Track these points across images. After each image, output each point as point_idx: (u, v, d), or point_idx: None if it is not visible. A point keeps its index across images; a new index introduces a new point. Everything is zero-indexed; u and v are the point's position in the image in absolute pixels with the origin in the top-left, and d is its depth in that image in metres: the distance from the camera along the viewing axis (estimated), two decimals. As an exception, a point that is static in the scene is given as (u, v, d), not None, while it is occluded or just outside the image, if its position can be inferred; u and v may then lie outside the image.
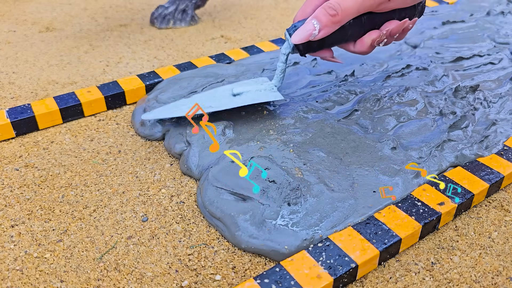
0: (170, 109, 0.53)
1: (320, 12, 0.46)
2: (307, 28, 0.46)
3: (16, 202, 0.46)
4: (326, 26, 0.46)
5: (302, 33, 0.47)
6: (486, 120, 0.55)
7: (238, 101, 0.53)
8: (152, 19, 0.87)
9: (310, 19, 0.47)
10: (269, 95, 0.54)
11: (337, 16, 0.46)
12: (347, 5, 0.45)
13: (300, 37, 0.47)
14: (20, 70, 0.70)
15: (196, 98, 0.54)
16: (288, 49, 0.50)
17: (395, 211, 0.42)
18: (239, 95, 0.54)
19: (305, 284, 0.36)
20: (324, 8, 0.46)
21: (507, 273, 0.39)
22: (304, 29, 0.47)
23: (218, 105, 0.52)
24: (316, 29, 0.46)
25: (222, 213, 0.42)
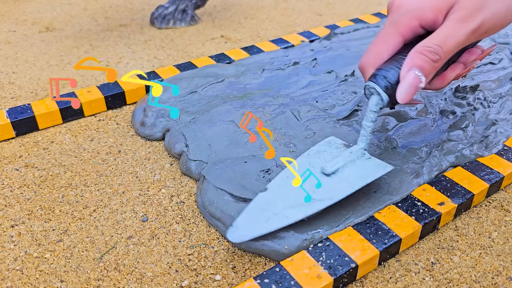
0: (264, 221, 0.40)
1: (419, 59, 0.39)
2: (412, 82, 0.39)
3: (16, 202, 0.46)
4: (429, 74, 0.39)
5: (409, 89, 0.39)
6: (486, 120, 0.55)
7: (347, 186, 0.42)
8: (152, 19, 0.87)
9: (410, 69, 0.39)
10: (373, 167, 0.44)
11: (440, 61, 0.39)
12: (448, 48, 0.38)
13: (408, 94, 0.39)
14: (20, 70, 0.70)
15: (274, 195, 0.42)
16: (380, 105, 0.42)
17: (395, 211, 0.42)
18: (335, 173, 0.43)
19: (305, 284, 0.36)
20: (423, 53, 0.38)
21: (507, 273, 0.39)
22: (407, 84, 0.39)
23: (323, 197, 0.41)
24: (422, 80, 0.39)
25: (222, 214, 0.42)
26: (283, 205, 0.40)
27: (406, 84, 0.39)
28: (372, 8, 0.98)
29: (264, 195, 0.42)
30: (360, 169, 0.44)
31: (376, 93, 0.41)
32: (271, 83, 0.62)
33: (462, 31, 0.38)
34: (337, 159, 0.44)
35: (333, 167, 0.43)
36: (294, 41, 0.76)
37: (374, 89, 0.41)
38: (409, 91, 0.39)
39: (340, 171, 0.43)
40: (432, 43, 0.38)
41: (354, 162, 0.44)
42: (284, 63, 0.67)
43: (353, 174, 0.43)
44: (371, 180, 0.43)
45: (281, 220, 0.39)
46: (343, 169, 0.43)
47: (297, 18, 0.92)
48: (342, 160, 0.44)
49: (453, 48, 0.39)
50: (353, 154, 0.44)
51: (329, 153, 0.46)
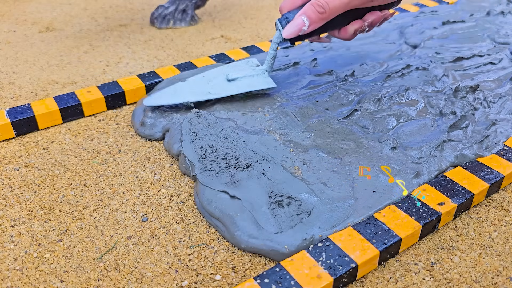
0: (171, 94, 0.56)
1: (309, 9, 0.50)
2: (297, 24, 0.50)
3: (16, 202, 0.46)
4: (314, 22, 0.50)
5: (292, 28, 0.51)
6: (486, 120, 0.55)
7: (234, 89, 0.56)
8: (152, 19, 0.87)
9: (300, 14, 0.50)
10: (262, 82, 0.57)
11: (325, 13, 0.50)
12: (334, 4, 0.49)
13: (290, 32, 0.51)
14: (20, 70, 0.70)
15: (191, 81, 0.57)
16: (279, 38, 0.54)
17: (395, 211, 0.42)
18: (234, 80, 0.57)
19: (305, 284, 0.36)
20: (313, 5, 0.50)
21: (507, 273, 0.39)
22: (294, 25, 0.50)
23: (216, 92, 0.56)
24: (306, 25, 0.50)
25: (221, 213, 0.42)
26: (188, 91, 0.56)
27: (293, 24, 0.51)
28: (372, 8, 0.98)
29: (181, 83, 0.57)
30: (252, 81, 0.57)
31: (278, 28, 0.53)
32: (271, 83, 0.62)
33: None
34: (242, 71, 0.58)
35: (234, 75, 0.57)
36: (294, 41, 0.76)
37: (277, 25, 0.53)
38: (293, 29, 0.50)
39: (238, 80, 0.57)
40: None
41: (252, 77, 0.58)
42: (284, 63, 0.67)
43: (245, 82, 0.57)
44: (254, 89, 0.57)
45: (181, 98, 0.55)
46: (241, 79, 0.57)
47: (297, 18, 0.92)
48: (243, 73, 0.58)
49: (338, 6, 0.49)
50: (255, 71, 0.58)
51: (242, 67, 0.59)
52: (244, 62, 0.61)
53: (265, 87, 0.57)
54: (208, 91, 0.56)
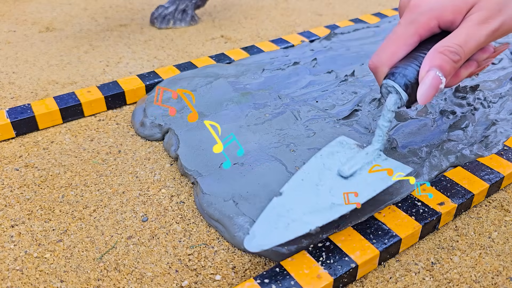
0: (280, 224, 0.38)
1: (440, 59, 0.38)
2: (433, 83, 0.38)
3: (16, 202, 0.46)
4: (449, 75, 0.38)
5: (429, 90, 0.38)
6: (486, 120, 0.55)
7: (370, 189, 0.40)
8: (152, 19, 0.87)
9: (430, 68, 0.38)
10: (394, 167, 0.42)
11: (460, 61, 0.38)
12: (469, 48, 0.38)
13: (428, 95, 0.38)
14: (20, 70, 0.70)
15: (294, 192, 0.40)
16: (398, 104, 0.40)
17: (395, 211, 0.42)
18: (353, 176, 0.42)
19: (305, 284, 0.36)
20: (444, 53, 0.38)
21: (507, 273, 0.39)
22: (429, 86, 0.38)
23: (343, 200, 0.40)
24: (442, 81, 0.38)
25: (220, 215, 0.42)
26: (301, 211, 0.38)
27: (427, 84, 0.38)
28: (372, 8, 0.98)
29: (280, 199, 0.39)
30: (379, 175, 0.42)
31: (395, 91, 0.39)
32: (271, 83, 0.62)
33: (482, 31, 0.38)
34: (353, 160, 0.42)
35: (350, 170, 0.41)
36: (294, 41, 0.76)
37: (393, 87, 0.39)
38: (429, 92, 0.38)
39: (358, 174, 0.41)
40: (453, 42, 0.37)
41: (371, 164, 0.42)
42: (284, 63, 0.67)
43: (372, 176, 0.41)
44: (392, 183, 0.41)
45: (301, 227, 0.37)
46: (360, 172, 0.41)
47: (297, 18, 0.92)
48: (359, 162, 0.42)
49: (474, 48, 0.38)
50: (369, 156, 0.42)
51: (343, 154, 0.44)
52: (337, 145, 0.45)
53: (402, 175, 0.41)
54: (332, 201, 0.39)
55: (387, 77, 0.39)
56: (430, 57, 0.38)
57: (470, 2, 0.38)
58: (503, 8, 0.38)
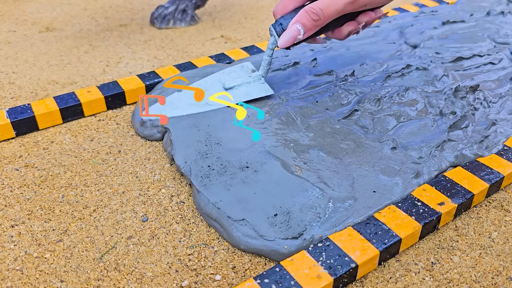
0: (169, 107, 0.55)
1: (304, 17, 0.49)
2: (292, 33, 0.50)
3: (16, 202, 0.46)
4: (309, 29, 0.50)
5: (287, 37, 0.50)
6: (486, 120, 0.55)
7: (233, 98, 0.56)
8: (152, 19, 0.87)
9: (294, 22, 0.50)
10: (260, 89, 0.57)
11: (320, 20, 0.50)
12: (329, 12, 0.49)
13: (286, 41, 0.50)
14: (20, 70, 0.70)
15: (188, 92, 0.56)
16: (274, 44, 0.54)
17: (395, 211, 0.42)
18: (231, 89, 0.57)
19: (305, 284, 0.36)
20: (307, 12, 0.49)
21: (507, 273, 0.39)
22: (289, 34, 0.50)
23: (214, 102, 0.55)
24: (300, 33, 0.50)
25: (218, 214, 0.42)
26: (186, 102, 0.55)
27: (288, 33, 0.50)
28: (372, 8, 0.98)
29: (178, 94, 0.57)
30: (250, 89, 0.57)
31: (273, 35, 0.53)
32: (271, 83, 0.62)
33: (341, 1, 0.49)
34: (238, 79, 0.58)
35: (231, 84, 0.57)
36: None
37: (272, 31, 0.53)
38: (288, 38, 0.50)
39: (235, 88, 0.57)
40: (317, 6, 0.49)
41: (249, 84, 0.57)
42: (284, 63, 0.67)
43: (242, 91, 0.57)
44: (252, 97, 0.56)
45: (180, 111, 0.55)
46: (238, 87, 0.57)
47: (297, 18, 0.92)
48: (240, 80, 0.57)
49: (333, 13, 0.49)
50: (251, 78, 0.58)
51: (238, 74, 0.59)
52: (239, 67, 0.60)
53: (263, 94, 0.57)
54: (206, 101, 0.55)
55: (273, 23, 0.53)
56: (298, 14, 0.50)
57: None
58: None
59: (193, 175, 0.46)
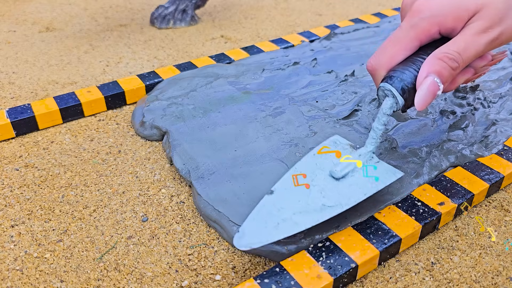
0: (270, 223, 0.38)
1: (439, 65, 0.38)
2: (431, 89, 0.38)
3: (16, 202, 0.46)
4: (447, 81, 0.39)
5: (427, 96, 0.38)
6: (486, 120, 0.55)
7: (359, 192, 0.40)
8: (152, 19, 0.87)
9: (427, 75, 0.38)
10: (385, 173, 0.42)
11: (458, 68, 0.39)
12: (468, 56, 0.39)
13: (425, 100, 0.38)
14: (20, 70, 0.70)
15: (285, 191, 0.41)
16: (394, 108, 0.40)
17: (395, 211, 0.42)
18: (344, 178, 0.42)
19: (305, 284, 0.36)
20: (443, 60, 0.38)
21: (507, 273, 0.39)
22: (427, 91, 0.38)
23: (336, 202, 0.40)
24: (440, 88, 0.38)
25: (218, 215, 0.42)
26: (292, 210, 0.38)
27: (424, 90, 0.38)
28: (372, 8, 0.98)
29: (271, 198, 0.40)
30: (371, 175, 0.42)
31: (391, 95, 0.39)
32: (271, 83, 0.62)
33: (482, 40, 0.38)
34: (346, 162, 0.42)
35: (343, 171, 0.41)
36: (294, 41, 0.76)
37: (390, 91, 0.39)
38: (427, 97, 0.38)
39: (350, 175, 0.41)
40: (452, 50, 0.38)
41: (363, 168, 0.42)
42: (284, 63, 0.67)
43: (363, 179, 0.41)
44: (382, 187, 0.41)
45: (291, 227, 0.37)
46: (352, 173, 0.42)
47: (297, 18, 0.92)
48: (352, 164, 0.42)
49: (472, 56, 0.39)
50: (361, 158, 0.43)
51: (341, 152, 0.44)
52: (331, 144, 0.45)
53: (393, 179, 0.42)
54: (323, 203, 0.39)
55: (384, 80, 0.39)
56: (429, 63, 0.38)
57: (471, 10, 0.38)
58: (503, 18, 0.38)
59: (193, 177, 0.46)
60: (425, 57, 0.39)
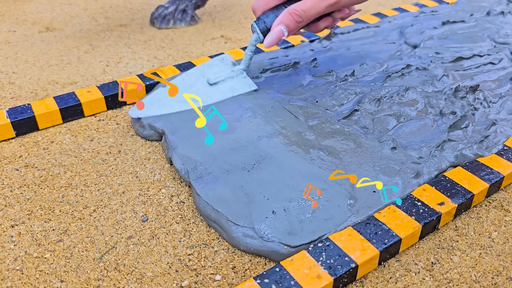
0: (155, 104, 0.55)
1: (287, 18, 0.52)
2: (277, 34, 0.53)
3: (16, 202, 0.46)
4: (292, 30, 0.53)
5: (273, 38, 0.53)
6: (486, 120, 0.55)
7: (218, 94, 0.57)
8: (152, 19, 0.87)
9: (278, 23, 0.53)
10: (243, 85, 0.59)
11: (302, 22, 0.53)
12: (311, 13, 0.53)
13: (271, 41, 0.53)
14: (20, 70, 0.70)
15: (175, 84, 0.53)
16: (257, 41, 0.56)
17: (395, 211, 0.42)
18: (216, 84, 0.58)
19: (305, 284, 0.36)
20: (291, 14, 0.52)
21: (507, 273, 0.39)
22: (274, 36, 0.53)
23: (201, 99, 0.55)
24: (285, 34, 0.53)
25: (217, 216, 0.42)
26: (172, 99, 0.55)
27: (272, 34, 0.53)
28: (372, 8, 0.98)
29: (162, 89, 0.58)
30: (234, 84, 0.58)
31: (256, 32, 0.55)
32: (271, 83, 0.62)
33: (322, 4, 0.52)
34: (221, 73, 0.59)
35: (215, 79, 0.58)
36: (294, 41, 0.76)
37: (256, 29, 0.55)
38: (273, 40, 0.53)
39: (220, 83, 0.58)
40: (300, 8, 0.52)
41: (232, 78, 0.59)
42: (284, 63, 0.67)
43: (227, 86, 0.58)
44: (237, 93, 0.58)
45: (166, 108, 0.55)
46: (222, 82, 0.58)
47: (297, 18, 0.92)
48: (223, 75, 0.59)
49: (314, 14, 0.53)
50: (233, 72, 0.59)
51: (219, 68, 0.60)
52: (219, 60, 0.61)
53: (247, 90, 0.58)
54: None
55: (256, 20, 0.55)
56: (282, 15, 0.53)
57: None
58: None
59: (192, 177, 0.46)
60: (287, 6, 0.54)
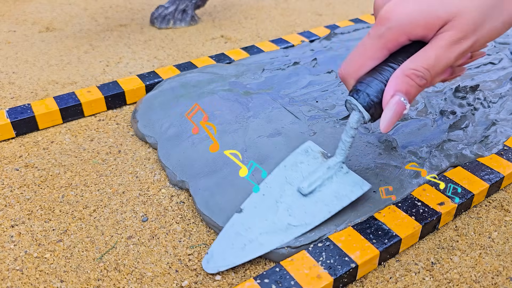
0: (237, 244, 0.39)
1: (405, 83, 0.36)
2: (397, 110, 0.36)
3: (16, 202, 0.46)
4: (414, 97, 0.37)
5: (391, 117, 0.36)
6: (486, 120, 0.55)
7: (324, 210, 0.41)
8: (152, 19, 0.87)
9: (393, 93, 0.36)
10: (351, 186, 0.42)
11: (427, 84, 0.36)
12: (438, 71, 0.36)
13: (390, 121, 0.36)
14: (20, 70, 0.70)
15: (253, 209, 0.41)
16: (361, 122, 0.39)
17: (395, 211, 0.42)
18: (312, 193, 0.42)
19: (305, 284, 0.36)
20: (409, 77, 0.36)
21: (507, 273, 0.39)
22: (393, 112, 0.36)
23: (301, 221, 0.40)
24: (406, 107, 0.36)
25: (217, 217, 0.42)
26: (259, 230, 0.40)
27: (390, 112, 0.36)
28: (372, 8, 0.98)
29: (240, 216, 0.41)
30: (337, 188, 0.42)
31: (357, 110, 0.38)
32: (271, 83, 0.62)
33: (454, 53, 0.35)
34: (314, 176, 0.42)
35: (310, 187, 0.42)
36: (294, 41, 0.76)
37: (356, 106, 0.38)
38: (393, 118, 0.36)
39: (317, 191, 0.42)
40: (421, 66, 0.35)
41: (331, 179, 0.42)
42: (284, 63, 0.67)
43: (330, 194, 0.42)
44: (348, 203, 0.41)
45: (257, 249, 0.39)
46: (320, 188, 0.42)
47: (297, 18, 0.92)
48: (320, 178, 0.42)
49: (442, 70, 0.36)
50: (330, 170, 0.42)
51: (306, 165, 0.44)
52: (302, 154, 0.45)
53: (360, 193, 0.42)
54: (288, 222, 0.40)
55: (351, 92, 0.38)
56: (396, 80, 0.36)
57: (443, 18, 0.35)
58: (478, 28, 0.35)
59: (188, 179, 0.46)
60: (393, 66, 0.37)
